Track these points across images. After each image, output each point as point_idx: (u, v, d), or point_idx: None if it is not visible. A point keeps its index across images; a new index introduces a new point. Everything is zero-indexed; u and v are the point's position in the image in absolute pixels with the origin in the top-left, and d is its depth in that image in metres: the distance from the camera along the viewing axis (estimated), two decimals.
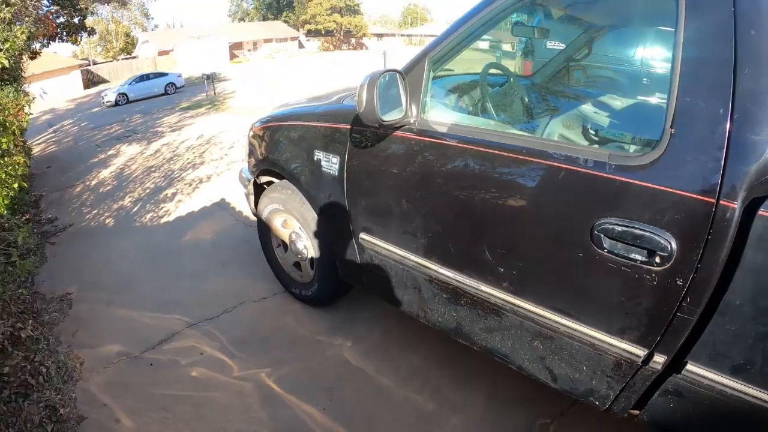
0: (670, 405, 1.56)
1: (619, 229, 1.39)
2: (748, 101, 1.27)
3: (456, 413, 2.18)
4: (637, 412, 1.67)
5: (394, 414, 2.20)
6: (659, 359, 1.47)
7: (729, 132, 1.28)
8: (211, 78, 18.87)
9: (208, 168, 6.89)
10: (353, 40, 55.28)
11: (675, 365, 1.48)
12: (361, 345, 2.64)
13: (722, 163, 1.27)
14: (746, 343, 1.36)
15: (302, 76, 22.74)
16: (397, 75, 1.86)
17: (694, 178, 1.31)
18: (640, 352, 1.49)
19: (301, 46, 51.24)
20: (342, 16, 52.23)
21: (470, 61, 2.40)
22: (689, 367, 1.44)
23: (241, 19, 60.81)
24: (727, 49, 1.30)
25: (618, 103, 2.33)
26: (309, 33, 53.31)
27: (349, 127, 2.10)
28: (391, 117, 1.82)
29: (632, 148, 1.65)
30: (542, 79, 2.86)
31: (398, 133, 1.90)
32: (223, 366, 2.56)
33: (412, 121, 1.87)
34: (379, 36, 59.11)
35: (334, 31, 52.86)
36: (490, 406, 2.21)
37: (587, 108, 2.33)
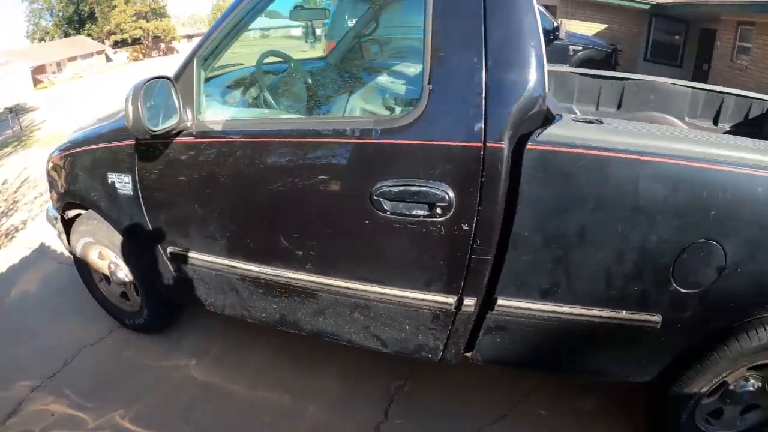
0: (497, 340, 1.67)
1: (396, 189, 1.45)
2: (500, 46, 1.36)
3: (312, 400, 2.21)
4: (470, 354, 1.77)
5: (255, 417, 2.18)
6: (470, 302, 1.56)
7: (485, 78, 1.35)
8: (14, 111, 16.73)
9: (22, 213, 6.14)
10: (163, 46, 51.73)
11: (487, 304, 1.58)
12: (205, 359, 2.56)
13: (483, 108, 1.35)
14: (545, 268, 1.48)
15: (110, 92, 21.03)
16: (166, 81, 1.79)
17: (458, 128, 1.38)
18: (450, 299, 1.57)
19: (108, 59, 46.53)
20: (148, 22, 48.36)
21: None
22: (500, 302, 1.54)
23: (42, 39, 54.47)
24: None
25: (411, 69, 2.44)
26: (116, 44, 48.53)
27: (133, 142, 1.98)
28: (166, 125, 1.75)
29: (399, 110, 1.74)
30: (337, 58, 2.91)
31: (179, 139, 1.83)
32: (76, 421, 2.35)
33: (189, 125, 1.80)
34: (189, 37, 55.03)
35: (142, 38, 48.84)
36: (343, 384, 2.27)
37: (383, 79, 2.41)
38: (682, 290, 1.56)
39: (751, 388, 2.01)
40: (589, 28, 11.89)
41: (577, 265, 1.48)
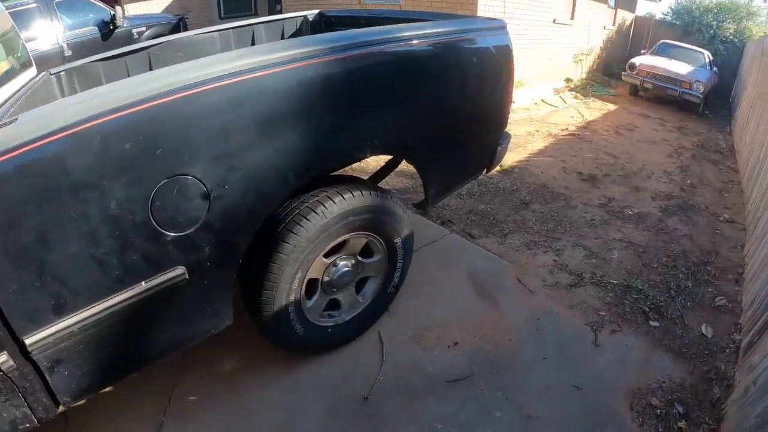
0: (66, 374, 1.54)
1: None
2: None
3: None
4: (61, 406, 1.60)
5: None
6: (2, 358, 1.40)
7: None
8: None
9: None
10: None
11: (21, 347, 1.42)
12: None
13: None
14: (35, 287, 1.37)
15: None
16: None
17: None
18: None
19: None
20: None
21: None
22: (29, 341, 1.41)
23: None
24: None
25: None
26: None
27: None
28: None
29: None
30: None
31: None
32: None
33: None
34: None
35: None
36: None
37: None
38: (179, 233, 1.57)
39: (347, 268, 2.22)
40: (158, 5, 11.62)
41: (62, 268, 1.40)
